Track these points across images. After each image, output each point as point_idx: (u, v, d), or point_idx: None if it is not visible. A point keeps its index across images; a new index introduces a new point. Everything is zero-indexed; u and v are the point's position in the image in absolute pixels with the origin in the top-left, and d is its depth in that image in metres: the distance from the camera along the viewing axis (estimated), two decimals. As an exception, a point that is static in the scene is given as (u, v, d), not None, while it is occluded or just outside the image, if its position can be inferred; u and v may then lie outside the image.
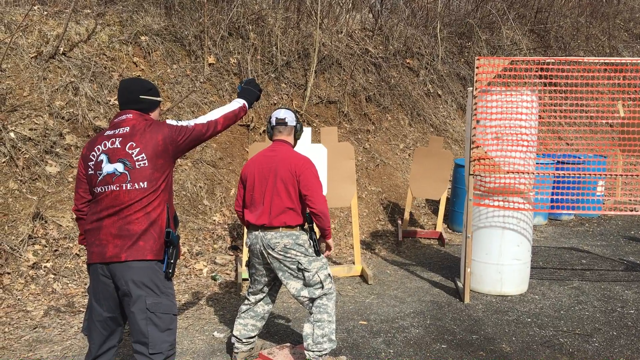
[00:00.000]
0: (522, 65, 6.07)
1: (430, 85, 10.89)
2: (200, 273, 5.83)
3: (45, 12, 7.13)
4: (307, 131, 5.64)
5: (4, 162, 5.66)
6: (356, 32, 10.61)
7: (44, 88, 6.30)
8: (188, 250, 6.10)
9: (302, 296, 3.75)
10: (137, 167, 2.89)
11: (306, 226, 3.84)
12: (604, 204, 8.43)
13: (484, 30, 12.37)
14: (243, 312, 4.00)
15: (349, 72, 9.54)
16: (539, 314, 5.04)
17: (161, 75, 7.47)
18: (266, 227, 3.71)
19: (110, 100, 6.68)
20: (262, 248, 3.75)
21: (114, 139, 2.95)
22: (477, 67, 5.19)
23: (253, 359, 4.02)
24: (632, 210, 7.51)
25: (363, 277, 5.94)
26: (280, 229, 3.70)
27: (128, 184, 2.88)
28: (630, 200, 8.04)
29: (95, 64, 6.85)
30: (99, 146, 2.96)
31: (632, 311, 5.11)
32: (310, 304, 3.77)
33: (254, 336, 4.00)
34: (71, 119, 6.29)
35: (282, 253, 3.69)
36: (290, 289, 3.76)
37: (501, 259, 5.42)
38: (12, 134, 5.82)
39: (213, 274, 5.82)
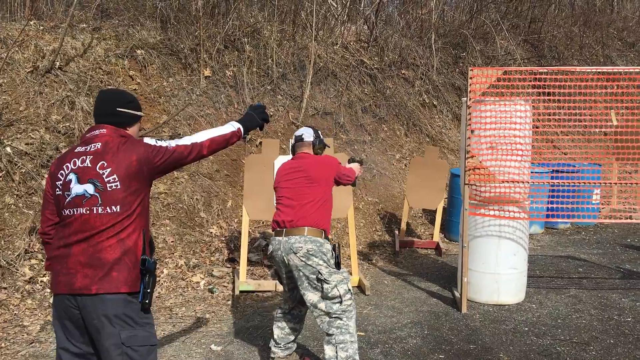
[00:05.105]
0: (516, 75, 6.12)
1: (425, 96, 10.94)
2: (197, 286, 5.82)
3: (42, 27, 7.17)
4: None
5: (0, 177, 5.67)
6: (351, 43, 10.67)
7: (40, 102, 6.32)
8: (185, 262, 6.09)
9: (318, 309, 3.65)
10: (108, 189, 2.61)
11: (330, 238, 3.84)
12: (600, 212, 8.45)
13: (478, 40, 12.44)
14: (279, 315, 3.92)
15: (344, 83, 9.59)
16: (536, 322, 5.05)
17: (157, 89, 7.50)
18: (290, 231, 3.69)
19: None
20: (283, 254, 3.68)
21: (84, 157, 2.66)
22: (471, 78, 5.23)
23: None
24: (628, 218, 7.52)
25: (360, 287, 5.93)
26: (306, 230, 3.67)
27: (99, 208, 2.60)
28: (625, 208, 8.06)
29: (91, 78, 6.88)
30: (68, 164, 2.68)
31: (629, 319, 5.11)
32: (327, 318, 3.66)
33: (293, 340, 3.94)
34: (67, 132, 6.31)
35: (303, 259, 3.61)
36: (307, 300, 3.67)
37: (498, 268, 5.42)
38: (8, 149, 5.83)
39: (210, 287, 5.81)
